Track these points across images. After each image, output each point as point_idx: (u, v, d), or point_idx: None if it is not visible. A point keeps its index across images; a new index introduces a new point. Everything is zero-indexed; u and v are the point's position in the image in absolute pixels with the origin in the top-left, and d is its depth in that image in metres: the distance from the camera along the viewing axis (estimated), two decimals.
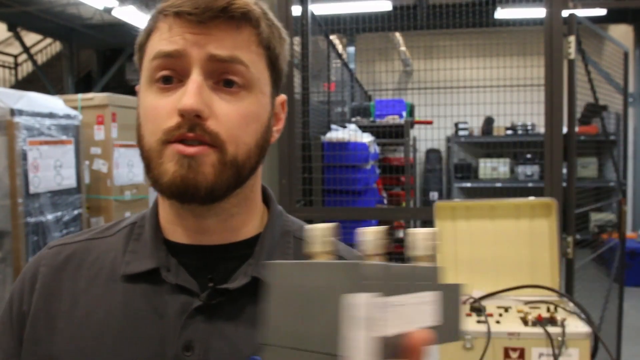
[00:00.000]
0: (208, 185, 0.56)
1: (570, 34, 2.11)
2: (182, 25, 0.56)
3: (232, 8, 0.56)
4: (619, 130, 3.42)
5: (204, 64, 0.56)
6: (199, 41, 0.56)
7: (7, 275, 3.03)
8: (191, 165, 0.56)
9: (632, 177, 7.04)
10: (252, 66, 0.59)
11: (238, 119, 0.58)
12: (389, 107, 3.66)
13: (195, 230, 0.62)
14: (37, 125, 3.22)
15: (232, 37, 0.57)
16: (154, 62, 0.58)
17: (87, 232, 0.69)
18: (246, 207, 0.64)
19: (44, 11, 7.82)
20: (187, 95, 0.55)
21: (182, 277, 0.60)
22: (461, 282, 0.47)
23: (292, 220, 0.70)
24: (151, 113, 0.58)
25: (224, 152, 0.57)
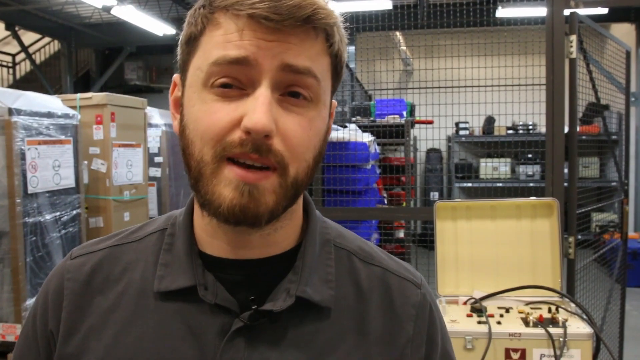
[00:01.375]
0: (268, 212, 0.52)
1: (572, 33, 2.10)
2: (255, 29, 0.50)
3: (317, 18, 0.50)
4: (621, 129, 3.41)
5: (275, 74, 0.51)
6: (273, 49, 0.50)
7: (5, 275, 3.01)
8: (252, 194, 0.51)
9: (634, 177, 7.04)
10: (322, 79, 0.54)
11: (303, 137, 0.53)
12: (389, 106, 3.64)
13: (236, 245, 0.57)
14: (35, 125, 3.21)
15: (310, 46, 0.52)
16: (215, 66, 0.51)
17: (112, 238, 0.65)
18: (291, 220, 0.59)
19: (42, 10, 7.81)
20: (257, 112, 0.49)
21: (221, 296, 0.56)
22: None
23: (330, 225, 0.65)
24: (207, 119, 0.51)
25: (286, 175, 0.53)
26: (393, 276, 0.63)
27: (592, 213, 2.83)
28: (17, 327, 3.08)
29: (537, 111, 2.28)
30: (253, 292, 0.56)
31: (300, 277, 0.57)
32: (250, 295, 0.56)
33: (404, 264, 0.67)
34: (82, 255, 0.63)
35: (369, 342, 0.58)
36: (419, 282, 0.65)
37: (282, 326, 0.56)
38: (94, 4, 6.33)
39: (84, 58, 9.71)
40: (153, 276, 0.59)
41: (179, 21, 8.16)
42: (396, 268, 0.65)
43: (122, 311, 0.58)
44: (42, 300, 0.62)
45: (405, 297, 0.62)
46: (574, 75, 2.12)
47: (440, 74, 2.49)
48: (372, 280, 0.62)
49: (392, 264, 0.65)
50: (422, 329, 0.61)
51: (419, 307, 0.62)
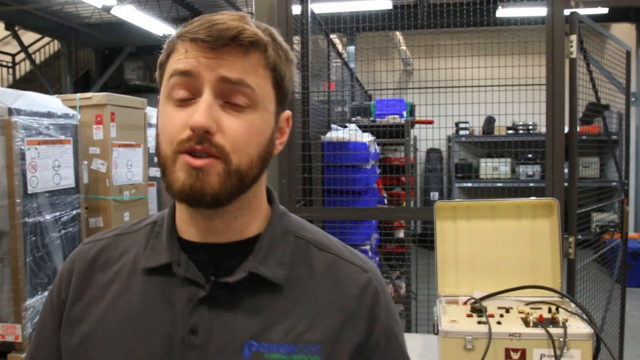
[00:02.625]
0: (213, 192, 0.65)
1: (572, 33, 2.10)
2: (197, 49, 0.64)
3: (242, 37, 0.64)
4: (621, 129, 3.41)
5: (214, 85, 0.64)
6: (211, 64, 0.64)
7: (5, 275, 3.01)
8: (198, 175, 0.64)
9: (634, 177, 7.04)
10: (258, 88, 0.66)
11: (242, 134, 0.65)
12: (389, 106, 3.64)
13: (205, 230, 0.71)
14: (35, 125, 3.21)
15: (241, 62, 0.65)
16: (171, 79, 0.66)
17: (117, 229, 0.81)
18: (249, 210, 0.72)
19: (42, 10, 7.80)
20: (198, 113, 0.63)
21: (190, 271, 0.70)
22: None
23: (295, 220, 0.78)
24: (167, 124, 0.66)
25: (229, 163, 0.65)
26: (343, 262, 0.75)
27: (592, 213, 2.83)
28: (17, 327, 3.08)
29: (537, 111, 2.28)
30: (221, 271, 0.70)
31: (256, 258, 0.70)
32: (217, 272, 0.69)
33: (359, 254, 0.78)
34: (91, 242, 0.80)
35: (316, 313, 0.70)
36: (367, 269, 0.75)
37: (239, 297, 0.69)
38: (93, 4, 6.32)
39: (83, 58, 9.71)
40: (142, 256, 0.73)
41: (179, 21, 8.15)
42: (348, 256, 0.76)
43: (116, 285, 0.73)
44: (59, 278, 0.79)
45: (352, 279, 0.73)
46: (574, 75, 2.12)
47: (440, 74, 2.49)
48: (324, 265, 0.74)
49: (345, 252, 0.76)
50: (364, 307, 0.72)
51: (364, 288, 0.73)
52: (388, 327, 0.73)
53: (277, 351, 0.67)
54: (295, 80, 2.37)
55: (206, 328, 0.68)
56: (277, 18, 2.30)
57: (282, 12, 2.29)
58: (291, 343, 0.68)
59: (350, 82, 4.83)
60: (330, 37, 3.65)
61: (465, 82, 2.39)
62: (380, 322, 0.72)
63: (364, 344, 0.71)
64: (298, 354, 0.67)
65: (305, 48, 2.59)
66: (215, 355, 0.67)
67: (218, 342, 0.67)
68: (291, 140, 2.32)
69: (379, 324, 0.72)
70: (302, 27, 2.61)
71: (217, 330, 0.68)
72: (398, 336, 0.75)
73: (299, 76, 2.57)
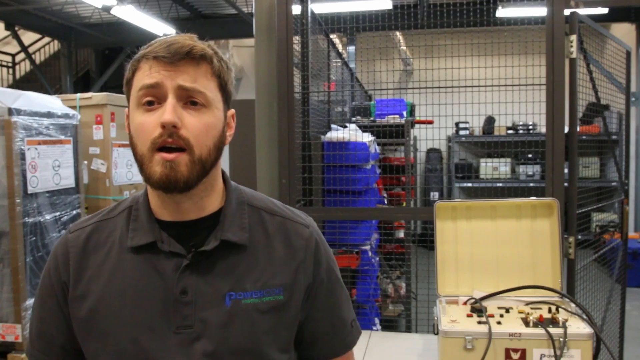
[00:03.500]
0: (184, 178, 0.81)
1: (572, 33, 2.10)
2: (159, 65, 0.81)
3: (193, 52, 0.82)
4: (621, 129, 3.41)
5: (175, 91, 0.81)
6: (171, 75, 0.81)
7: (5, 275, 3.01)
8: (172, 166, 0.80)
9: (634, 177, 7.04)
10: (208, 91, 0.83)
11: (201, 128, 0.82)
12: (389, 106, 3.64)
13: (176, 211, 0.88)
14: (35, 125, 3.21)
15: (194, 71, 0.82)
16: (140, 92, 0.82)
17: (96, 216, 0.95)
18: (212, 191, 0.90)
19: (42, 10, 7.80)
20: (166, 112, 0.79)
21: (173, 246, 0.86)
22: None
23: (246, 191, 0.97)
24: (140, 127, 0.82)
25: (193, 154, 0.81)
26: (289, 222, 0.95)
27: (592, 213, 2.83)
28: (17, 327, 3.07)
29: (537, 111, 2.28)
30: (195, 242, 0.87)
31: (223, 227, 0.88)
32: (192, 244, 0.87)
33: (298, 212, 0.98)
34: (77, 229, 0.94)
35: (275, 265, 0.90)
36: (307, 224, 0.97)
37: (214, 260, 0.87)
38: (93, 4, 6.32)
39: (83, 58, 9.70)
40: (126, 238, 0.88)
41: (179, 21, 8.15)
42: (292, 216, 0.97)
43: (109, 263, 0.88)
44: (53, 263, 0.92)
45: (297, 234, 0.94)
46: (574, 75, 2.12)
47: (440, 74, 2.49)
48: (275, 226, 0.94)
49: (289, 213, 0.97)
50: (309, 254, 0.93)
51: (307, 239, 0.94)
52: (328, 266, 0.97)
53: (250, 297, 0.87)
54: (295, 80, 2.37)
55: (193, 288, 0.85)
56: (277, 18, 2.30)
57: (282, 12, 2.29)
58: (260, 289, 0.88)
59: (350, 82, 4.83)
60: (330, 37, 3.65)
61: (465, 82, 2.39)
62: (322, 264, 0.95)
63: (311, 284, 0.93)
64: (267, 296, 0.88)
65: (305, 48, 2.59)
66: (203, 307, 0.85)
67: (204, 297, 0.85)
68: (291, 141, 2.32)
69: (322, 266, 0.95)
70: (302, 27, 2.61)
71: (202, 288, 0.85)
72: (335, 271, 0.99)
73: (298, 76, 2.56)
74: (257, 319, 0.87)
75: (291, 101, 2.31)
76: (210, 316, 0.85)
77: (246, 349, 0.86)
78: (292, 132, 2.31)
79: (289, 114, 2.31)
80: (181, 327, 0.85)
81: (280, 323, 0.89)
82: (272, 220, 0.94)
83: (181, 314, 0.85)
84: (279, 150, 2.31)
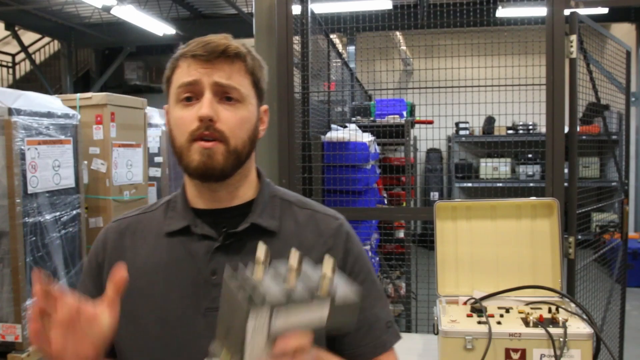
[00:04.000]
0: (220, 167, 0.87)
1: (572, 33, 2.10)
2: (196, 63, 0.87)
3: (228, 50, 0.87)
4: (621, 129, 3.41)
5: (212, 87, 0.87)
6: (208, 72, 0.87)
7: (5, 275, 3.01)
8: (209, 154, 0.86)
9: (634, 177, 7.04)
10: (242, 87, 0.89)
11: (235, 121, 0.88)
12: (389, 106, 3.64)
13: (211, 199, 0.93)
14: (35, 125, 3.20)
15: (229, 68, 0.88)
16: (179, 89, 0.88)
17: (137, 210, 1.02)
18: (245, 182, 0.95)
19: (41, 10, 7.80)
20: (203, 107, 0.85)
21: (205, 229, 0.91)
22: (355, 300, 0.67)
23: (278, 188, 1.03)
24: (179, 121, 0.88)
25: (228, 145, 0.87)
26: (319, 214, 1.00)
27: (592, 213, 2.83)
28: (17, 327, 3.07)
29: (537, 111, 2.28)
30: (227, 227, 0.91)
31: (254, 214, 0.93)
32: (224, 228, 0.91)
33: (329, 210, 1.02)
34: (119, 219, 1.02)
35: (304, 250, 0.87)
36: (337, 217, 1.01)
37: (244, 244, 0.91)
38: (93, 4, 6.32)
39: (83, 58, 9.70)
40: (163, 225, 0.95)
41: (179, 21, 8.15)
42: (322, 209, 1.01)
43: (145, 248, 0.95)
44: (94, 247, 1.00)
45: (326, 224, 0.98)
46: (574, 75, 2.12)
47: (440, 74, 2.49)
48: (305, 217, 0.98)
49: (319, 207, 1.01)
50: (338, 242, 0.96)
51: (336, 229, 0.98)
52: (359, 258, 0.98)
53: None
54: (295, 80, 2.37)
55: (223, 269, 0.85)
56: (277, 18, 2.30)
57: (282, 12, 2.29)
58: None
59: (350, 82, 4.83)
60: (330, 37, 3.65)
61: (465, 82, 2.39)
62: (352, 254, 0.97)
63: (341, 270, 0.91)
64: None
65: (305, 48, 2.59)
66: None
67: None
68: (291, 141, 2.32)
69: (352, 254, 0.97)
70: (302, 27, 2.60)
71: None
72: (367, 265, 1.00)
73: (299, 76, 2.56)
74: None
75: (291, 101, 2.31)
76: None
77: None
78: (292, 132, 2.31)
79: (289, 114, 2.31)
80: (209, 309, 0.87)
81: None
82: (302, 212, 0.98)
83: (210, 295, 0.87)
84: (279, 150, 2.31)
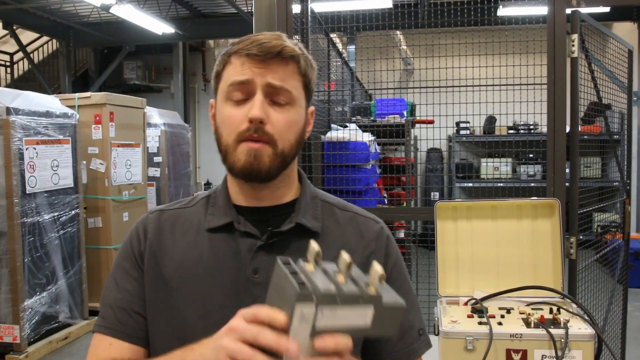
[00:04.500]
0: (266, 169, 0.86)
1: (574, 32, 2.09)
2: (250, 62, 0.85)
3: (284, 52, 0.86)
4: (623, 129, 3.40)
5: (264, 88, 0.85)
6: (261, 73, 0.85)
7: (4, 276, 3.00)
8: (256, 155, 0.84)
9: (636, 176, 7.03)
10: (294, 90, 0.88)
11: (285, 124, 0.86)
12: (389, 106, 3.63)
13: (253, 197, 0.93)
14: (33, 125, 3.19)
15: (283, 70, 0.86)
16: (230, 86, 0.87)
17: (176, 204, 1.00)
18: (288, 182, 0.95)
19: (40, 9, 7.79)
20: (254, 108, 0.84)
21: (248, 227, 0.90)
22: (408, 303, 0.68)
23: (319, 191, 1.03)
24: (228, 120, 0.86)
25: (276, 147, 0.86)
26: (360, 217, 1.00)
27: (594, 213, 2.81)
28: (15, 328, 3.06)
29: (539, 111, 2.27)
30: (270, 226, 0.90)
31: (298, 213, 0.92)
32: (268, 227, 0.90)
33: (369, 213, 1.02)
34: (157, 211, 0.99)
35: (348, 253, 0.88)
36: (378, 221, 1.01)
37: (288, 243, 0.89)
38: (92, 3, 6.31)
39: (82, 57, 9.69)
40: (204, 220, 0.93)
41: (178, 20, 8.14)
42: (363, 212, 1.01)
43: (186, 242, 0.93)
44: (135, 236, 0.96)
45: (368, 227, 0.98)
46: (575, 74, 2.11)
47: (440, 73, 2.48)
48: (347, 219, 0.98)
49: (361, 211, 1.01)
50: (380, 246, 0.96)
51: (378, 233, 0.98)
52: (398, 263, 0.98)
53: None
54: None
55: (265, 268, 0.87)
56: (277, 17, 2.29)
57: (282, 11, 2.28)
58: None
59: (350, 81, 4.82)
60: (331, 36, 3.63)
61: (466, 82, 2.38)
62: (392, 256, 0.97)
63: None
64: None
65: (305, 47, 2.57)
66: None
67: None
68: None
69: (392, 258, 0.97)
70: (302, 26, 2.59)
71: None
72: (404, 271, 1.00)
73: None
74: None
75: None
76: None
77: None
78: None
79: None
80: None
81: None
82: (343, 214, 0.98)
83: (252, 294, 0.86)
84: None
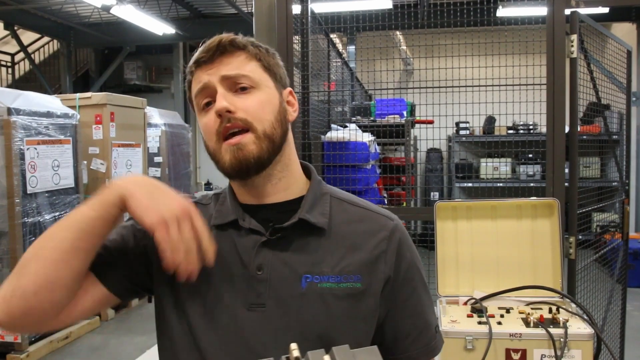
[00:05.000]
0: (254, 156, 0.85)
1: (573, 33, 2.10)
2: (202, 68, 0.89)
3: (223, 44, 0.88)
4: (621, 129, 3.41)
5: (221, 82, 0.87)
6: (214, 72, 0.88)
7: (4, 276, 3.00)
8: (239, 148, 0.85)
9: (635, 177, 7.03)
10: (252, 73, 0.88)
11: (256, 105, 0.87)
12: (389, 106, 3.64)
13: (257, 195, 0.92)
14: (34, 125, 3.20)
15: (234, 60, 0.88)
16: (197, 98, 0.90)
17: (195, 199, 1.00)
18: (288, 172, 0.92)
19: (41, 9, 7.80)
20: (217, 102, 0.85)
21: (252, 224, 0.89)
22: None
23: (329, 187, 0.99)
24: (205, 127, 0.88)
25: (256, 131, 0.85)
26: (372, 213, 0.95)
27: (593, 213, 2.82)
28: None
29: (538, 111, 2.27)
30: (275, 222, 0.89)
31: (303, 209, 0.89)
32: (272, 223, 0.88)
33: (383, 209, 0.97)
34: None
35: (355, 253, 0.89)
36: (392, 218, 0.95)
37: (292, 240, 0.88)
38: (93, 3, 6.31)
39: (83, 57, 9.70)
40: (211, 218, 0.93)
41: (178, 21, 8.14)
42: (376, 209, 0.96)
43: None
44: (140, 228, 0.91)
45: (380, 225, 0.93)
46: (574, 74, 2.11)
47: (440, 73, 2.48)
48: (358, 215, 0.94)
49: (373, 206, 0.97)
50: (392, 246, 0.91)
51: (391, 231, 0.92)
52: (412, 263, 0.94)
53: (327, 281, 0.87)
54: (294, 79, 2.36)
55: (269, 265, 0.87)
56: (277, 17, 2.29)
57: (282, 12, 2.28)
58: (338, 274, 0.87)
59: (350, 82, 4.83)
60: (330, 37, 3.64)
61: (465, 82, 2.39)
62: (405, 258, 0.92)
63: (392, 277, 0.90)
64: (344, 282, 0.87)
65: (305, 48, 2.58)
66: (278, 286, 0.86)
67: (279, 276, 0.87)
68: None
69: (405, 261, 0.92)
70: (302, 26, 2.60)
71: (278, 267, 0.87)
72: (420, 271, 0.96)
73: (298, 76, 2.56)
74: (332, 304, 0.86)
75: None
76: (284, 296, 0.86)
77: (319, 334, 0.85)
78: (292, 132, 2.30)
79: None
80: (254, 304, 0.86)
81: (356, 312, 0.87)
82: (354, 210, 0.95)
83: (255, 290, 0.86)
84: None
